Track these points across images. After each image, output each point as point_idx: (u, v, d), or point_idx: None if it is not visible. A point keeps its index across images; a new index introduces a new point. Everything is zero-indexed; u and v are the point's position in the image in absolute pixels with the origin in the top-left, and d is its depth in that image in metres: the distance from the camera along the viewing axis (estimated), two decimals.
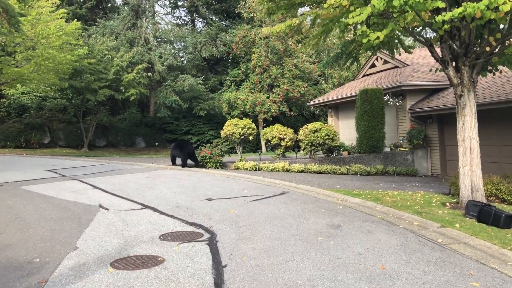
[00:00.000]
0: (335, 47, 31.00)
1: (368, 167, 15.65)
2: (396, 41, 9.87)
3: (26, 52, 18.13)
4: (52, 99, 27.35)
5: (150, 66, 27.54)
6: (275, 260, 5.29)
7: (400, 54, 13.60)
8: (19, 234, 6.55)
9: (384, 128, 16.64)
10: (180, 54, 33.94)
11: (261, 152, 18.66)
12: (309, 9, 10.45)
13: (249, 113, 27.13)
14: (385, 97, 16.87)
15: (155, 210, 8.33)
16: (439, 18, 6.97)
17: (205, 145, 16.17)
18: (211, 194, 9.95)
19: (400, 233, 6.60)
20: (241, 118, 16.62)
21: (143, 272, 4.85)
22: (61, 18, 19.57)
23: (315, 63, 29.53)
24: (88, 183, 11.45)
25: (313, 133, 15.80)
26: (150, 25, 29.89)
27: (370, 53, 20.06)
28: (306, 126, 16.35)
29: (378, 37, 7.44)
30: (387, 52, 20.17)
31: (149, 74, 25.81)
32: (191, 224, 7.24)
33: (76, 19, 22.85)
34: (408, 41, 42.30)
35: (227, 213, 8.03)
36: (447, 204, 8.70)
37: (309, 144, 15.88)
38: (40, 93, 26.12)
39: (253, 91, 28.39)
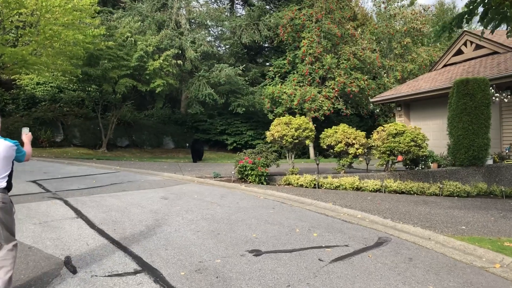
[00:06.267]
0: (398, 35, 26.08)
1: (467, 186, 11.36)
2: None
3: (26, 29, 14.49)
4: (71, 91, 23.70)
5: (180, 52, 23.41)
6: None
7: None
8: None
9: (489, 133, 12.24)
10: (217, 43, 29.65)
11: (310, 158, 14.39)
12: None
13: (296, 111, 22.54)
14: None
15: (157, 278, 4.43)
16: None
17: (245, 150, 12.03)
18: (258, 239, 5.92)
19: None
20: (283, 116, 12.45)
21: None
22: None
23: (376, 51, 24.43)
24: (72, 206, 7.65)
25: (393, 137, 11.57)
26: (183, 6, 25.82)
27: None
28: (381, 127, 12.14)
29: None
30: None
31: (179, 61, 21.69)
32: None
33: (101, 2, 19.39)
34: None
35: None
36: None
37: (387, 152, 11.65)
38: (58, 83, 22.49)
39: (301, 84, 23.71)
